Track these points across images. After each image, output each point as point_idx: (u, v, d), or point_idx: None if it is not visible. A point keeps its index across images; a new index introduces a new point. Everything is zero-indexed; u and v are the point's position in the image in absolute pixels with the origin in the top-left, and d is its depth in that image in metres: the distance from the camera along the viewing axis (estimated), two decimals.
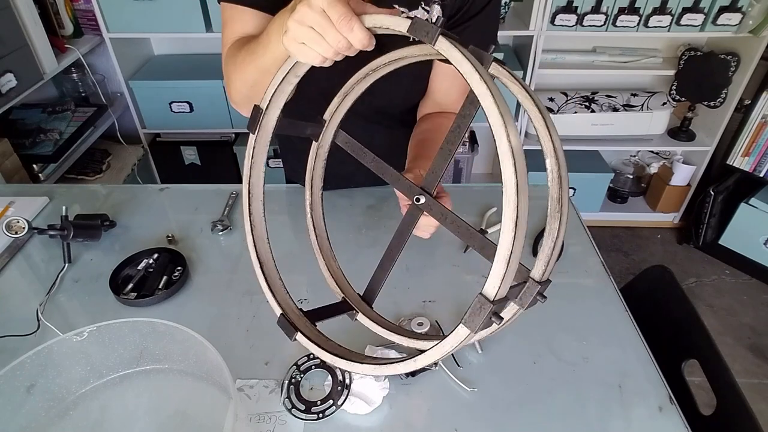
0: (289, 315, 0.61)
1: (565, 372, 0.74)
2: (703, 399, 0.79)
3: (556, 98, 2.16)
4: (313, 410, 0.68)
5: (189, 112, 2.06)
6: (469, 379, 0.72)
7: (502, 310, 0.55)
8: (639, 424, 0.67)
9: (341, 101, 0.67)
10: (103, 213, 1.00)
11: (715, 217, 2.22)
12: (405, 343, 0.66)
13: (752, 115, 1.98)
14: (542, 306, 0.84)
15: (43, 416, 0.69)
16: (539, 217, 1.04)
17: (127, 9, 1.80)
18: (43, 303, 0.84)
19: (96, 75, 2.06)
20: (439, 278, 0.90)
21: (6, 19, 1.52)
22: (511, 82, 0.55)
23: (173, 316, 0.82)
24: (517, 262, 0.43)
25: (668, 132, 2.22)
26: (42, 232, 0.90)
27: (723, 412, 0.74)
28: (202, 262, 0.93)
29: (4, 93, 1.51)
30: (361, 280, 0.70)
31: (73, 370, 0.71)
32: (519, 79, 0.55)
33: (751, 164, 2.06)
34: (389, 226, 1.00)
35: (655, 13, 1.85)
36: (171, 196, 1.13)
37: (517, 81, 0.55)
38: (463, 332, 0.45)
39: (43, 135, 1.81)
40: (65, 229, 0.89)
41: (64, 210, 0.93)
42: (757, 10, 1.80)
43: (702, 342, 0.80)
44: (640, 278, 0.97)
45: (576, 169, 2.25)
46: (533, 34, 1.90)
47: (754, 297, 2.10)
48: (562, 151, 0.56)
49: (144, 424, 0.69)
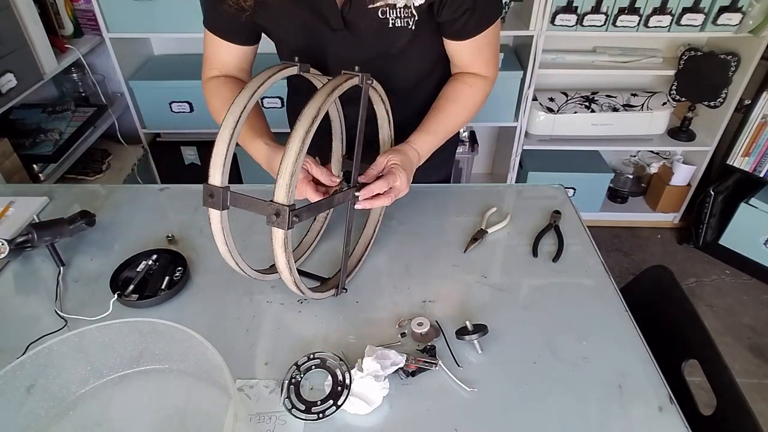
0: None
1: (565, 372, 0.74)
2: (703, 399, 0.79)
3: (556, 98, 2.16)
4: (313, 410, 0.68)
5: (189, 112, 2.06)
6: (469, 379, 0.72)
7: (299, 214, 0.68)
8: (639, 424, 0.67)
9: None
10: (84, 210, 0.98)
11: (715, 217, 2.22)
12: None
13: (752, 115, 1.98)
14: (542, 306, 0.85)
15: (43, 416, 0.69)
16: (539, 217, 1.04)
17: (127, 9, 1.80)
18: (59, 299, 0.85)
19: (96, 75, 2.06)
20: (439, 278, 0.90)
21: (6, 19, 1.51)
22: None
23: (173, 316, 0.82)
24: (296, 178, 0.63)
25: (668, 132, 2.22)
26: (20, 246, 0.88)
27: (723, 412, 0.74)
28: (202, 262, 0.93)
29: (4, 93, 1.50)
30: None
31: (73, 370, 0.71)
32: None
33: (751, 164, 2.06)
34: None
35: (655, 13, 1.85)
36: (171, 196, 1.13)
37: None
38: (280, 233, 0.65)
39: (43, 135, 1.81)
40: (29, 234, 0.87)
41: (35, 218, 0.92)
42: (757, 10, 1.80)
43: (702, 342, 0.80)
44: (640, 278, 0.97)
45: (576, 169, 2.25)
46: (533, 34, 1.90)
47: (754, 297, 2.10)
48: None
49: (144, 424, 0.69)
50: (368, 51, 0.89)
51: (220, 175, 0.67)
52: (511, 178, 2.30)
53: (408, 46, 0.89)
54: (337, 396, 0.69)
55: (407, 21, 0.84)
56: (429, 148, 0.91)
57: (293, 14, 0.86)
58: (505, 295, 0.87)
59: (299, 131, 0.63)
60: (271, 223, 0.65)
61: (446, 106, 0.94)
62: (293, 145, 0.63)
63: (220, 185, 0.68)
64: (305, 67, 0.78)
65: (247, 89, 0.69)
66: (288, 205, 0.63)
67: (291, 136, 0.64)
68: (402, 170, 0.81)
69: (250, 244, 0.96)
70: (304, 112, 0.65)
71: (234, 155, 0.68)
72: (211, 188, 0.68)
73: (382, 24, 0.84)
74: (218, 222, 0.70)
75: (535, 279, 0.90)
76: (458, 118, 0.95)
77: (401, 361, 0.72)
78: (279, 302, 0.85)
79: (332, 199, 0.75)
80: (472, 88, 0.95)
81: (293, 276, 0.71)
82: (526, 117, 2.11)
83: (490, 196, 1.11)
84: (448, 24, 0.87)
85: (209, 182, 0.68)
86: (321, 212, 0.73)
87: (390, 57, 0.90)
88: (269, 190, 0.65)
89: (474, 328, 0.76)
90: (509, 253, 0.96)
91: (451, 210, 1.07)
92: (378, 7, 0.82)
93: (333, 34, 0.86)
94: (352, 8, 0.82)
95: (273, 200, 0.64)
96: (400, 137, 0.92)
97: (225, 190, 0.68)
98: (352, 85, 0.72)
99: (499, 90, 2.05)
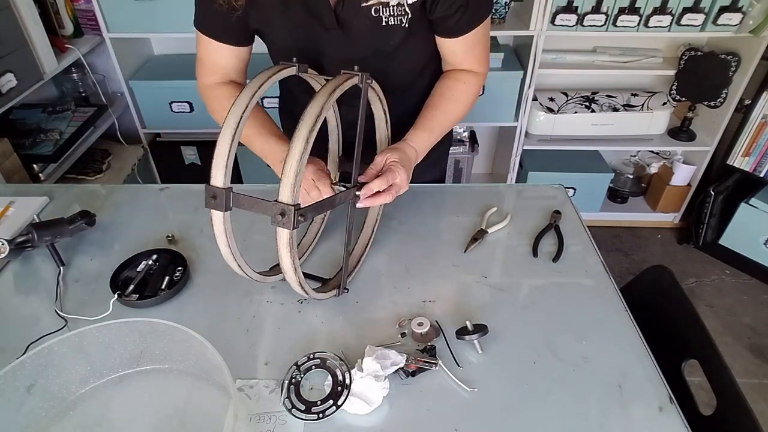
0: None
1: (565, 372, 0.74)
2: (703, 399, 0.79)
3: (557, 98, 2.16)
4: (313, 410, 0.68)
5: (189, 112, 2.06)
6: (469, 379, 0.72)
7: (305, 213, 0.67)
8: (639, 424, 0.67)
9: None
10: (84, 210, 0.98)
11: (716, 217, 2.22)
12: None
13: (752, 115, 1.98)
14: (542, 306, 0.85)
15: (43, 416, 0.69)
16: (539, 217, 1.04)
17: (127, 9, 1.80)
18: (59, 299, 0.85)
19: (96, 75, 2.06)
20: (439, 278, 0.90)
21: (6, 19, 1.51)
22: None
23: (173, 316, 0.82)
24: (300, 177, 0.63)
25: (668, 132, 2.22)
26: (20, 246, 0.88)
27: (723, 412, 0.74)
28: (202, 262, 0.93)
29: (4, 93, 1.50)
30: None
31: (73, 370, 0.71)
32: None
33: (751, 164, 2.06)
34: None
35: (655, 13, 1.84)
36: (171, 196, 1.13)
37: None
38: (285, 234, 0.65)
39: (43, 135, 1.81)
40: (29, 234, 0.88)
41: (35, 218, 0.92)
42: (757, 10, 1.80)
43: (702, 342, 0.80)
44: (640, 278, 0.97)
45: (576, 169, 2.25)
46: (533, 34, 1.90)
47: (754, 297, 2.10)
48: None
49: (144, 424, 0.69)
50: (362, 50, 0.89)
51: (222, 176, 0.67)
52: (511, 178, 2.30)
53: (402, 45, 0.89)
54: (337, 396, 0.69)
55: (401, 19, 0.84)
56: (426, 145, 0.92)
57: (286, 14, 0.85)
58: (505, 295, 0.87)
59: (302, 131, 0.63)
60: (276, 223, 0.64)
61: (441, 103, 0.95)
62: (297, 144, 0.63)
63: (222, 186, 0.67)
64: (303, 67, 0.78)
65: (247, 89, 0.69)
66: (293, 204, 0.63)
67: (294, 136, 0.64)
68: (401, 167, 0.81)
69: (250, 245, 0.96)
70: (307, 112, 0.65)
71: (234, 155, 0.68)
72: (214, 189, 0.68)
73: (375, 22, 0.84)
74: (221, 223, 0.70)
75: (535, 279, 0.90)
76: (453, 115, 0.96)
77: (401, 361, 0.72)
78: (279, 302, 0.85)
79: (334, 199, 0.75)
80: (465, 84, 0.95)
81: (298, 276, 0.71)
82: (526, 117, 2.11)
83: (490, 196, 1.11)
84: (440, 21, 0.88)
85: (211, 183, 0.68)
86: (324, 212, 0.73)
87: (384, 55, 0.90)
88: (270, 191, 0.65)
89: (474, 328, 0.76)
90: (509, 253, 0.96)
91: (451, 210, 1.07)
92: (371, 6, 0.82)
93: (326, 33, 0.86)
94: (345, 7, 0.82)
95: (277, 200, 0.64)
96: (395, 135, 0.92)
97: (228, 191, 0.68)
98: (352, 84, 0.72)
99: (499, 90, 2.06)
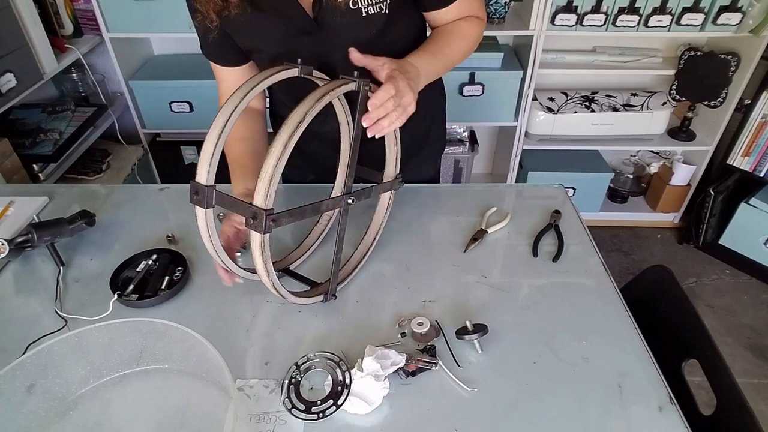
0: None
1: (565, 372, 0.74)
2: (703, 399, 0.79)
3: (556, 98, 2.16)
4: (313, 410, 0.68)
5: (189, 112, 2.06)
6: (469, 379, 0.72)
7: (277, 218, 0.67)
8: (639, 424, 0.67)
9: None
10: (84, 210, 0.98)
11: (715, 217, 2.22)
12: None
13: (752, 114, 1.98)
14: (542, 306, 0.85)
15: (43, 416, 0.69)
16: (539, 217, 1.04)
17: (127, 9, 1.80)
18: (59, 299, 0.85)
19: (96, 75, 2.06)
20: (439, 278, 0.90)
21: (6, 19, 1.51)
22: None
23: (173, 316, 0.82)
24: (276, 182, 0.63)
25: (668, 132, 2.22)
26: (20, 245, 0.88)
27: (723, 412, 0.74)
28: (202, 262, 0.93)
29: (4, 93, 1.51)
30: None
31: (73, 370, 0.71)
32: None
33: (751, 164, 2.06)
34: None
35: (655, 13, 1.84)
36: (171, 196, 1.13)
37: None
38: (257, 237, 0.65)
39: (43, 135, 1.81)
40: (29, 233, 0.88)
41: (35, 218, 0.92)
42: (757, 9, 1.80)
43: (702, 342, 0.80)
44: (640, 278, 0.97)
45: (576, 168, 2.25)
46: (533, 33, 1.90)
47: (754, 297, 2.10)
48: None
49: (144, 423, 0.69)
50: (346, 44, 0.86)
51: (206, 174, 0.68)
52: (511, 177, 2.30)
53: (385, 30, 0.87)
54: (337, 396, 0.69)
55: (380, 6, 0.83)
56: (428, 68, 0.85)
57: (263, 25, 0.85)
58: (505, 295, 0.87)
59: (283, 135, 0.63)
60: (249, 226, 0.65)
61: (443, 34, 0.91)
62: (275, 148, 0.63)
63: (205, 183, 0.68)
64: (307, 69, 0.77)
65: (240, 89, 0.69)
66: (265, 209, 0.63)
67: (275, 140, 0.63)
68: (401, 75, 0.75)
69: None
70: (291, 116, 0.64)
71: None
72: (197, 186, 0.68)
73: (354, 14, 0.82)
74: (203, 219, 0.71)
75: (535, 279, 0.90)
76: (455, 46, 0.91)
77: (401, 361, 0.72)
78: (279, 302, 0.85)
79: (319, 205, 0.74)
80: (467, 22, 0.92)
81: (272, 279, 0.71)
82: (526, 117, 2.11)
83: (490, 196, 1.11)
84: None
85: (196, 179, 0.69)
86: (304, 218, 0.72)
87: (369, 45, 0.86)
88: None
89: (474, 328, 0.76)
90: (509, 253, 0.96)
91: (451, 210, 1.07)
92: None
93: (309, 37, 0.85)
94: (322, 7, 0.81)
95: (252, 203, 0.64)
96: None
97: (210, 189, 0.68)
98: (345, 90, 0.71)
99: (498, 90, 2.06)
